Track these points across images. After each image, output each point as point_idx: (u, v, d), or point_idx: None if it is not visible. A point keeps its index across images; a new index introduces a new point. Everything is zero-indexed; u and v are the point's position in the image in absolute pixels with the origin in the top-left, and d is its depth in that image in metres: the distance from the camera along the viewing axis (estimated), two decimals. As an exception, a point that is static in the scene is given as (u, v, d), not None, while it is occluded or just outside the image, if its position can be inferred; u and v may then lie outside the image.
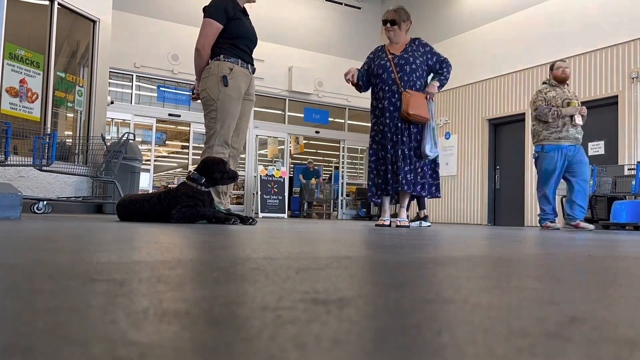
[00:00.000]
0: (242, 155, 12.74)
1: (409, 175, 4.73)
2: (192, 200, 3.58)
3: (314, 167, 14.98)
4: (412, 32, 5.22)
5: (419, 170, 4.81)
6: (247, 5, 4.46)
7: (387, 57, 4.88)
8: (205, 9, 4.19)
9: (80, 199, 7.18)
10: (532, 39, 10.45)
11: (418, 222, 5.51)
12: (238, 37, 4.20)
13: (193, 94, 4.43)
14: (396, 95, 4.79)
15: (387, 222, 4.89)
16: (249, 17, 4.46)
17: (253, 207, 12.31)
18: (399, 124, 4.77)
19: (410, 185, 4.75)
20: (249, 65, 4.31)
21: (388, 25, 4.89)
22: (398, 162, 4.74)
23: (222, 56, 4.15)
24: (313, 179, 14.48)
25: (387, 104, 4.81)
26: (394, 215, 5.29)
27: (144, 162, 8.75)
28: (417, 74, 4.84)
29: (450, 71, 4.96)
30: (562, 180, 6.05)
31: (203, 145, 4.31)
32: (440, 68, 4.94)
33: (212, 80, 4.11)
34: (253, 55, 4.45)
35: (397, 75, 4.79)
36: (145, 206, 3.67)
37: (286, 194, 12.46)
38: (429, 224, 5.60)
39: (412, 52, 4.87)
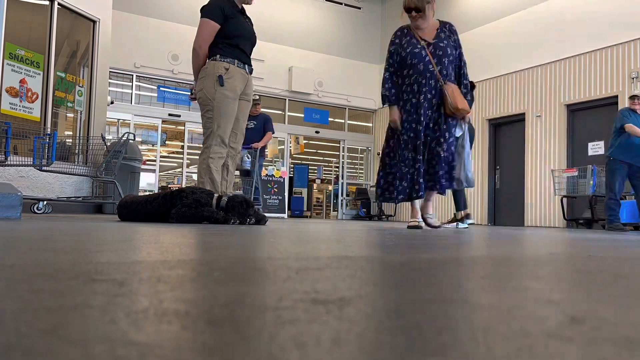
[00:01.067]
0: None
1: (446, 175, 4.29)
2: (194, 201, 3.58)
3: None
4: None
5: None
6: (245, 6, 4.47)
7: (421, 44, 4.34)
8: (202, 9, 4.22)
9: (80, 199, 7.18)
10: (532, 39, 10.45)
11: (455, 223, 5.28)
12: (235, 36, 4.22)
13: (192, 94, 4.45)
14: (433, 91, 4.28)
15: (420, 224, 4.41)
16: (248, 17, 4.47)
17: (253, 207, 12.31)
18: (431, 124, 4.31)
19: (451, 183, 4.32)
20: (246, 65, 4.33)
21: (413, 13, 4.32)
22: (433, 160, 4.28)
23: (218, 56, 4.18)
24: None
25: (423, 99, 4.26)
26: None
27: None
28: (453, 65, 4.42)
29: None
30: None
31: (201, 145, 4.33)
32: (460, 71, 4.47)
33: (209, 80, 4.14)
34: (253, 55, 4.46)
35: (437, 67, 4.29)
36: (149, 207, 3.68)
37: (286, 194, 12.47)
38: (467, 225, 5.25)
39: (447, 40, 4.38)
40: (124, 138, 6.76)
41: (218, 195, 3.73)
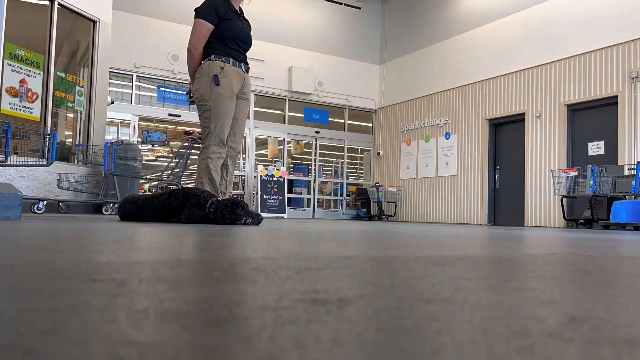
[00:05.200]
0: (242, 155, 12.72)
1: None
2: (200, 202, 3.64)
3: None
4: (413, 33, 5.10)
5: None
6: (243, 6, 4.46)
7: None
8: (196, 10, 4.22)
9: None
10: (532, 39, 10.45)
11: None
12: (229, 37, 4.22)
13: (190, 97, 4.40)
14: None
15: None
16: (244, 17, 4.46)
17: (253, 207, 12.32)
18: None
19: None
20: (242, 64, 4.31)
21: None
22: None
23: (213, 56, 4.18)
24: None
25: None
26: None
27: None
28: None
29: None
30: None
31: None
32: None
33: (204, 80, 4.14)
34: (253, 55, 4.45)
35: None
36: (148, 205, 3.72)
37: (286, 194, 12.47)
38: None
39: None
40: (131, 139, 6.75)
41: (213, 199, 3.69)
